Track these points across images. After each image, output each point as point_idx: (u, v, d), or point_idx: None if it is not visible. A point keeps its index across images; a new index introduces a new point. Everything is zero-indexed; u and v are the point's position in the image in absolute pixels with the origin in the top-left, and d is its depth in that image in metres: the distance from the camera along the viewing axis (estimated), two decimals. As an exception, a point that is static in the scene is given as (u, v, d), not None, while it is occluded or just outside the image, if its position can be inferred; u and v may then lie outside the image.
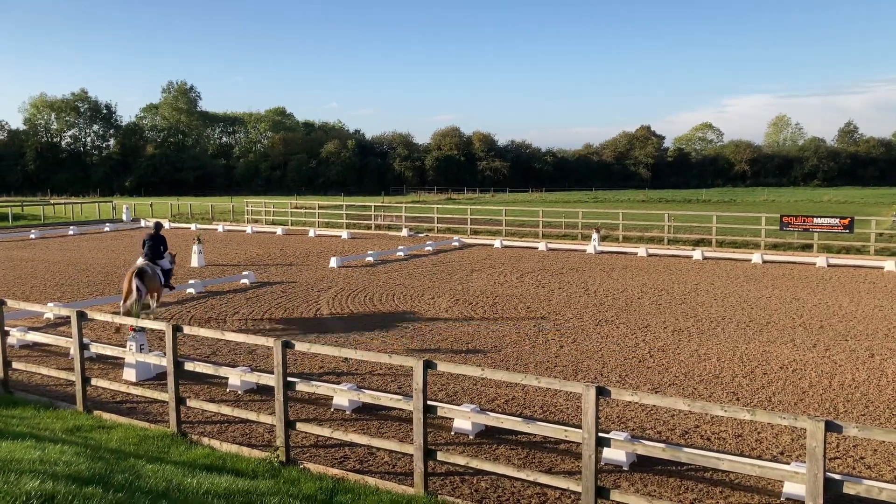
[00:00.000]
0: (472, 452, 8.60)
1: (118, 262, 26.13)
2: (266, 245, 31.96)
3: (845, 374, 11.80)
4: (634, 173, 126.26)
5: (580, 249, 30.02)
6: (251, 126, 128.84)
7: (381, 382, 11.40)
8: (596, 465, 6.61)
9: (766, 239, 29.60)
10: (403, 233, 36.77)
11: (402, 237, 35.79)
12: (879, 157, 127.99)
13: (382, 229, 39.60)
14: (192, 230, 38.94)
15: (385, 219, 42.44)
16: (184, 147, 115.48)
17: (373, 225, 40.22)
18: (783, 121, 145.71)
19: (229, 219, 46.57)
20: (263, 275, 22.51)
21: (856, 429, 5.75)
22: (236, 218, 46.83)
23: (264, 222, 44.02)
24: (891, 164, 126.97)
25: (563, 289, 20.23)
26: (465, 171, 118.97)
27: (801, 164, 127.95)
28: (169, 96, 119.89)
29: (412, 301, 18.26)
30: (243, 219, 45.71)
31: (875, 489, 5.76)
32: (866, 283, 21.21)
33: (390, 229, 39.33)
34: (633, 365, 12.43)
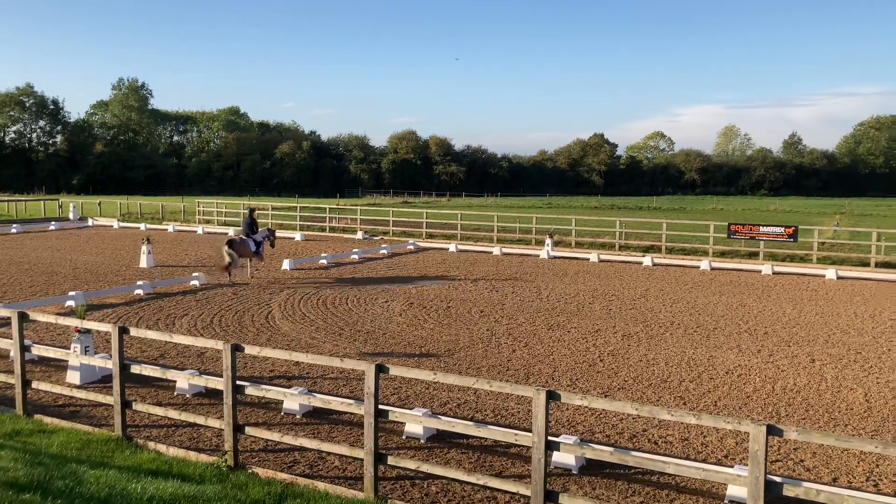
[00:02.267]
0: (424, 456, 8.60)
1: (63, 261, 25.44)
2: (218, 246, 31.44)
3: (787, 379, 12.13)
4: (588, 180, 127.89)
5: (534, 254, 30.27)
6: (204, 125, 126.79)
7: (333, 386, 11.32)
8: (545, 469, 6.67)
9: (715, 246, 30.26)
10: (358, 235, 36.59)
11: (357, 240, 35.60)
12: (822, 169, 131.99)
13: (337, 232, 39.34)
14: (142, 230, 38.14)
15: (340, 221, 42.21)
16: (134, 145, 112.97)
17: (327, 227, 39.92)
18: (732, 131, 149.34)
19: (180, 219, 45.74)
20: (214, 276, 22.16)
21: (795, 432, 5.91)
22: (187, 218, 46.03)
23: (216, 223, 43.34)
24: (833, 175, 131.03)
25: (517, 293, 20.37)
26: (421, 174, 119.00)
27: (749, 174, 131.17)
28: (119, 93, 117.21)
29: (366, 304, 18.18)
30: (195, 219, 44.93)
31: (813, 491, 5.94)
32: (809, 291, 21.84)
33: (345, 232, 39.11)
34: (583, 369, 12.58)
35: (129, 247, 30.16)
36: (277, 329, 15.26)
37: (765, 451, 5.81)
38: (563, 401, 6.75)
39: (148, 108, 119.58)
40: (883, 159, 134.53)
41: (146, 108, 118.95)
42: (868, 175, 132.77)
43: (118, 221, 42.38)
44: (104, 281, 21.20)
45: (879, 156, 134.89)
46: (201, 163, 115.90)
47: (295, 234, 36.57)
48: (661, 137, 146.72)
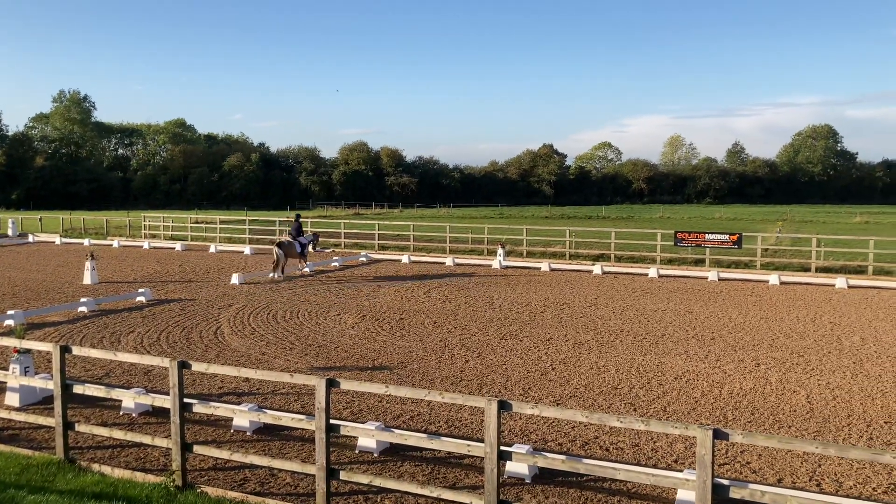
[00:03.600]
0: (376, 470, 8.54)
1: (1, 279, 24.61)
2: (164, 261, 30.84)
3: (734, 384, 12.41)
4: (538, 190, 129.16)
5: (486, 264, 30.42)
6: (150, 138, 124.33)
7: (284, 402, 11.17)
8: (498, 479, 6.69)
9: (662, 254, 30.85)
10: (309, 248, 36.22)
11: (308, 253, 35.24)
12: (765, 177, 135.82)
13: (287, 245, 38.87)
14: (85, 246, 37.15)
15: (290, 234, 41.69)
16: (77, 159, 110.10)
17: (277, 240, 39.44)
18: (678, 141, 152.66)
19: (125, 234, 44.70)
20: (161, 292, 21.71)
21: (741, 436, 6.05)
22: (133, 233, 45.00)
23: (163, 237, 42.49)
24: (775, 183, 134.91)
25: (469, 303, 20.43)
26: (373, 186, 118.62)
27: (695, 183, 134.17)
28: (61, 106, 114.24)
29: (317, 318, 18.02)
30: (140, 234, 43.95)
31: (758, 492, 6.07)
32: (753, 296, 22.40)
33: (296, 245, 38.66)
34: (535, 378, 12.67)
35: (73, 263, 29.35)
36: (227, 345, 15.00)
37: (711, 454, 5.93)
38: (514, 410, 6.79)
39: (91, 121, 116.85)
40: (821, 167, 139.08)
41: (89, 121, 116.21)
42: (807, 182, 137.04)
43: (60, 237, 41.21)
44: (45, 299, 20.58)
45: (817, 164, 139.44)
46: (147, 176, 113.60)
47: (244, 247, 36.07)
48: (608, 148, 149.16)
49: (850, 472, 8.56)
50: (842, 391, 11.96)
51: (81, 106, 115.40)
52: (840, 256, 30.06)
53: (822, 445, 5.83)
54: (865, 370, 13.34)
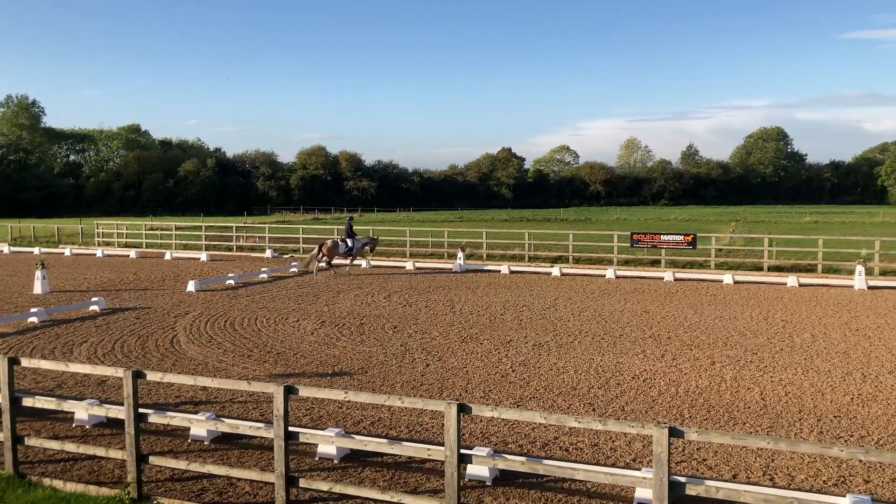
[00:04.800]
0: (337, 477, 8.48)
1: (-53, 290, 23.86)
2: (118, 269, 30.23)
3: (690, 382, 12.62)
4: (498, 193, 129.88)
5: (446, 268, 30.47)
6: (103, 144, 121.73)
7: (243, 410, 11.03)
8: (459, 483, 6.70)
9: (619, 255, 31.25)
10: (267, 254, 35.92)
11: (265, 258, 34.95)
12: (718, 178, 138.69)
13: (245, 251, 38.49)
14: (36, 254, 36.23)
15: (248, 240, 41.27)
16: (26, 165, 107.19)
17: (234, 246, 39.01)
18: (634, 143, 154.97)
19: (78, 241, 43.71)
20: (115, 300, 21.27)
21: (696, 433, 6.16)
22: (86, 241, 44.02)
23: (117, 245, 41.65)
24: (728, 184, 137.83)
25: (430, 307, 20.43)
26: (332, 190, 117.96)
27: (650, 185, 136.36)
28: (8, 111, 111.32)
29: (276, 325, 17.84)
30: (94, 241, 43.01)
31: (713, 488, 6.19)
32: (708, 296, 22.83)
33: (253, 251, 38.30)
34: (496, 380, 12.72)
35: (22, 272, 28.59)
36: (183, 353, 14.76)
37: (668, 452, 6.03)
38: (474, 413, 6.81)
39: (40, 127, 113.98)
40: (772, 168, 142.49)
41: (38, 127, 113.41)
42: (759, 184, 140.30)
43: (9, 246, 40.13)
44: (-7, 309, 20.00)
45: (769, 165, 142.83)
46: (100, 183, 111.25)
47: (201, 254, 35.56)
48: (566, 151, 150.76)
49: (801, 466, 8.77)
50: (793, 387, 12.25)
51: (30, 111, 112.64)
52: (791, 256, 30.81)
53: (773, 441, 5.97)
54: (816, 366, 13.69)
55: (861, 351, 14.96)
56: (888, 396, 11.69)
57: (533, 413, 6.83)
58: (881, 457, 6.00)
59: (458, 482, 6.64)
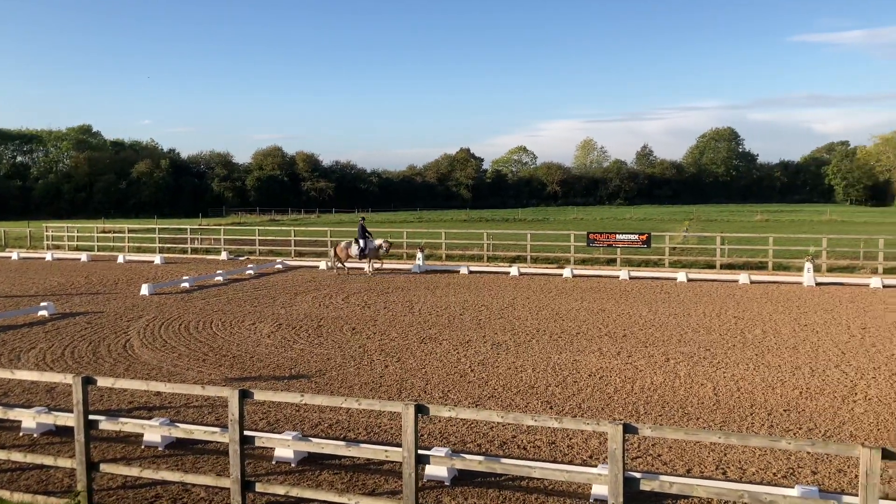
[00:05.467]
0: (294, 481, 8.40)
1: None
2: (69, 273, 29.50)
3: (645, 379, 12.81)
4: (456, 194, 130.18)
5: (405, 268, 30.42)
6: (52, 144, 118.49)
7: (198, 415, 10.86)
8: (417, 483, 6.70)
9: (576, 255, 31.58)
10: (223, 256, 35.43)
11: (221, 261, 34.47)
12: (672, 178, 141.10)
13: (200, 253, 37.90)
14: (-19, 258, 35.17)
15: (203, 242, 40.64)
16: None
17: (189, 249, 38.37)
18: (590, 144, 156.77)
19: (26, 245, 42.54)
20: (65, 305, 20.76)
21: (650, 429, 6.26)
22: (34, 244, 42.85)
23: (67, 248, 40.64)
24: (681, 184, 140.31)
25: (389, 308, 20.38)
26: (288, 191, 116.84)
27: (606, 185, 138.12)
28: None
29: (232, 328, 17.61)
30: (42, 245, 41.88)
31: (667, 483, 6.30)
32: (662, 294, 23.20)
33: (208, 253, 37.74)
34: (455, 380, 12.75)
35: (-34, 277, 27.70)
36: (137, 358, 14.47)
37: (622, 449, 6.11)
38: (432, 414, 6.82)
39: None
40: (724, 168, 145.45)
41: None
42: (712, 183, 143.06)
43: (-47, 250, 38.87)
44: (-64, 316, 19.35)
45: (721, 165, 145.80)
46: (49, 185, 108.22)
47: (154, 257, 34.92)
48: (523, 151, 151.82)
49: (752, 459, 8.97)
50: (745, 382, 12.53)
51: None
52: (743, 253, 31.49)
53: (724, 435, 6.10)
54: (766, 361, 14.02)
55: (809, 346, 15.36)
56: (834, 390, 12.03)
57: (490, 412, 6.87)
58: (826, 448, 6.17)
59: (416, 483, 6.64)
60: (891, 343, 15.59)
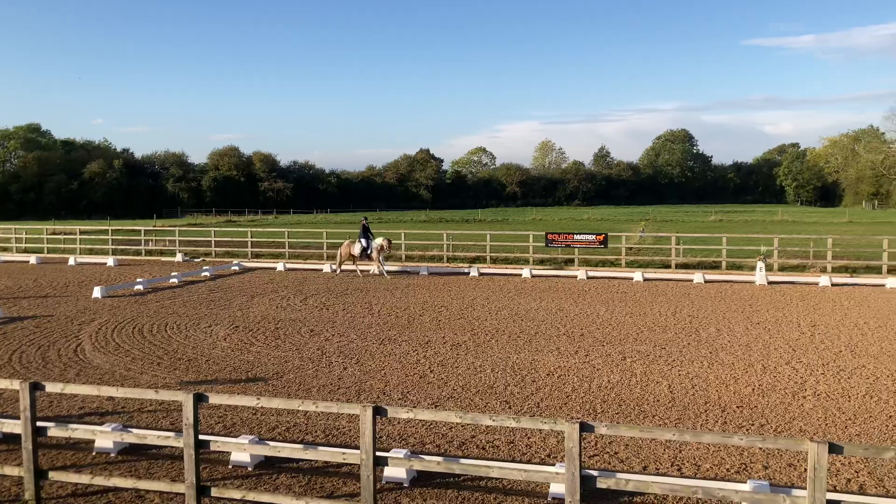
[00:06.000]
0: (251, 485, 8.30)
1: None
2: (17, 276, 28.70)
3: (602, 377, 12.96)
4: (416, 194, 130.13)
5: (365, 269, 30.26)
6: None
7: (152, 419, 10.66)
8: (375, 486, 6.67)
9: (534, 255, 31.80)
10: (178, 258, 34.84)
11: (176, 262, 33.89)
12: (629, 179, 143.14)
13: (154, 255, 37.21)
14: (-77, 261, 34.02)
15: (157, 243, 39.92)
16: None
17: (143, 250, 37.64)
18: (548, 146, 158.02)
19: (-29, 247, 41.26)
20: (13, 309, 20.19)
21: (606, 428, 6.33)
22: (-20, 246, 41.60)
23: (15, 250, 39.54)
24: (638, 185, 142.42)
25: (348, 310, 20.27)
26: (245, 192, 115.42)
27: (565, 186, 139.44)
28: None
29: (187, 330, 17.32)
30: (-11, 247, 40.68)
31: (623, 481, 6.38)
32: (619, 293, 23.50)
33: (163, 255, 37.07)
34: (414, 381, 12.73)
35: None
36: (88, 362, 14.14)
37: (579, 447, 6.17)
38: (390, 415, 6.79)
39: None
40: (679, 169, 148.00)
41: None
42: (667, 184, 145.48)
43: None
44: None
45: (676, 166, 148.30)
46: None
47: (107, 259, 34.17)
48: (483, 152, 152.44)
49: (707, 456, 9.13)
50: (699, 380, 12.75)
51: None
52: (697, 253, 32.07)
53: (679, 432, 6.19)
54: (720, 359, 14.29)
55: (762, 343, 15.71)
56: (785, 386, 12.32)
57: (449, 413, 6.87)
58: (776, 443, 6.31)
59: (374, 485, 6.61)
60: (839, 340, 16.02)
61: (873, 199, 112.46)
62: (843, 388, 12.15)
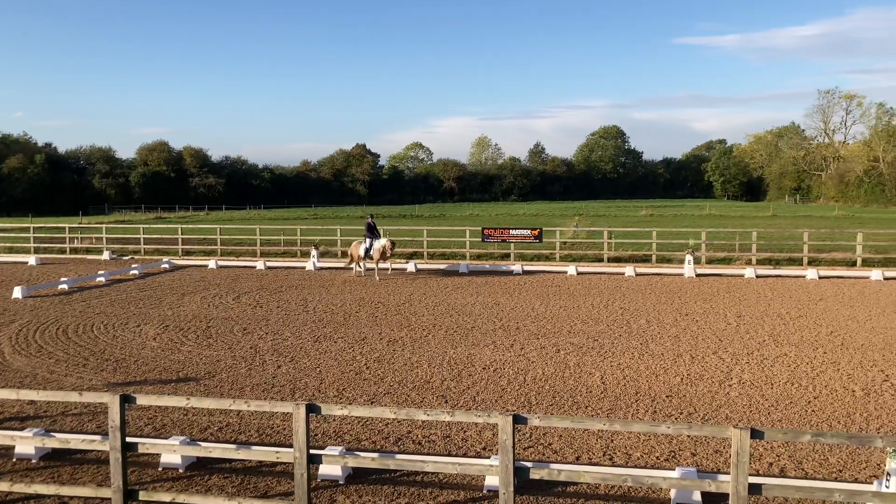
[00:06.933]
0: (182, 487, 8.11)
1: None
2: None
3: (537, 370, 13.13)
4: (353, 190, 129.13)
5: (300, 266, 29.92)
6: None
7: (77, 423, 10.30)
8: (309, 484, 6.61)
9: (471, 250, 31.98)
10: (105, 256, 33.74)
11: (103, 261, 32.82)
12: (563, 175, 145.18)
13: (80, 253, 35.95)
14: None
15: (83, 241, 38.54)
16: None
17: (68, 248, 36.31)
18: (484, 141, 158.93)
19: None
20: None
21: (538, 419, 6.41)
22: None
23: (-72, 249, 37.61)
24: (571, 180, 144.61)
25: (282, 307, 19.99)
26: (175, 187, 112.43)
27: (501, 181, 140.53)
28: None
29: (115, 330, 16.79)
30: None
31: (556, 471, 6.48)
32: (553, 287, 23.84)
33: (89, 253, 35.84)
34: (350, 378, 12.65)
35: None
36: (8, 365, 13.56)
37: (512, 439, 6.23)
38: (324, 413, 6.74)
39: None
40: (611, 165, 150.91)
41: None
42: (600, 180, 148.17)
43: None
44: None
45: (608, 162, 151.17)
46: None
47: (29, 257, 32.84)
48: (420, 148, 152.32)
49: (637, 444, 9.36)
50: (630, 370, 13.05)
51: None
52: (629, 247, 32.81)
53: (609, 422, 6.33)
54: (650, 350, 14.66)
55: (690, 334, 16.18)
56: (712, 375, 12.72)
57: (383, 409, 6.85)
58: (702, 431, 6.51)
59: (307, 483, 6.55)
60: (762, 330, 16.63)
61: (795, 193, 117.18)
62: (766, 376, 12.62)
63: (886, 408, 10.86)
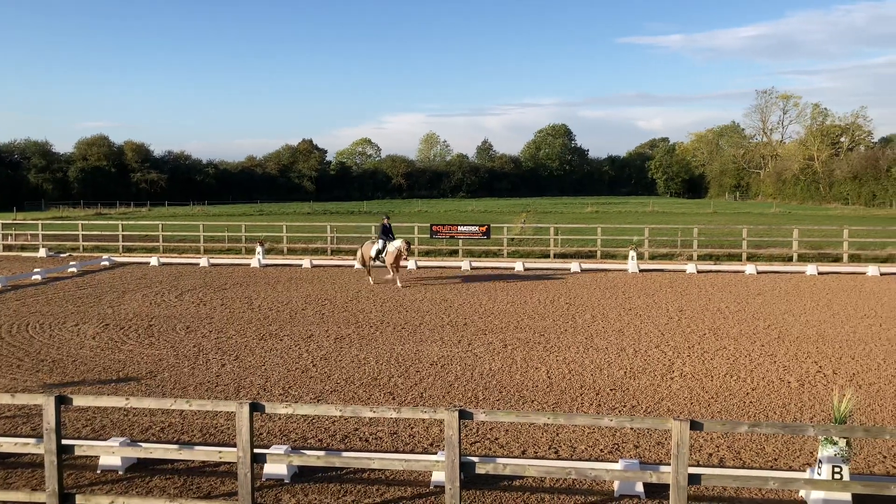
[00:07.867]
0: (122, 489, 7.91)
1: None
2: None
3: (484, 365, 13.21)
4: (299, 186, 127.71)
5: (244, 263, 29.49)
6: None
7: (11, 426, 9.95)
8: (253, 483, 6.52)
9: (420, 246, 31.98)
10: (41, 253, 32.68)
11: (39, 258, 31.78)
12: (511, 172, 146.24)
13: (15, 250, 34.75)
14: None
15: (18, 238, 37.26)
16: None
17: (1, 246, 35.06)
18: (433, 138, 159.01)
19: None
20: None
21: (484, 414, 6.45)
22: None
23: None
24: (519, 178, 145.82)
25: (226, 305, 19.67)
26: (116, 183, 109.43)
27: (449, 178, 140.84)
28: None
29: (51, 330, 16.28)
30: None
31: (501, 465, 6.53)
32: (501, 282, 24.01)
33: (24, 250, 34.68)
34: (296, 376, 12.52)
35: None
36: (-64, 367, 13.03)
37: (458, 435, 6.26)
38: (268, 411, 6.66)
39: None
40: (558, 163, 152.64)
41: None
42: (547, 177, 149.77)
43: None
44: None
45: (555, 159, 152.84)
46: None
47: (-40, 255, 31.61)
48: (368, 144, 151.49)
49: (582, 438, 9.50)
50: (576, 365, 13.24)
51: None
52: (575, 243, 33.25)
53: (553, 416, 6.40)
54: (595, 344, 14.89)
55: (633, 329, 16.48)
56: (655, 368, 12.99)
57: (329, 406, 6.80)
58: (644, 423, 6.64)
59: (251, 483, 6.46)
60: (703, 324, 17.05)
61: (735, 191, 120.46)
62: (706, 369, 12.95)
63: (819, 398, 11.26)
